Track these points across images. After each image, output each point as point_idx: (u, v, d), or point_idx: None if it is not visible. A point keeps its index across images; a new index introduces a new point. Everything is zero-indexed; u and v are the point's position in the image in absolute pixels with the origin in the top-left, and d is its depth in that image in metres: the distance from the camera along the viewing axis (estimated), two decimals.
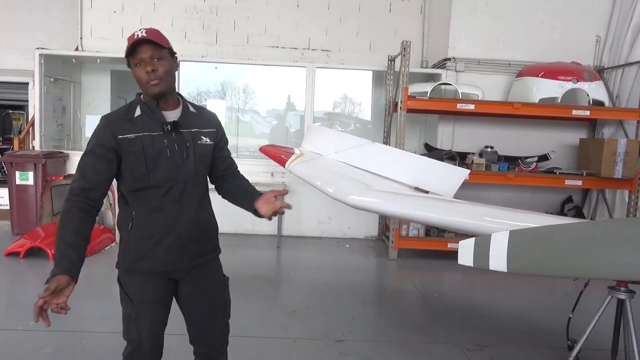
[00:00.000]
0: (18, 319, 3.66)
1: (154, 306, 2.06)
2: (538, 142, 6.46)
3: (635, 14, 6.07)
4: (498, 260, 2.14)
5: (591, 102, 5.89)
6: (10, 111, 11.77)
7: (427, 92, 6.03)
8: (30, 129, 7.35)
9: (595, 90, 5.92)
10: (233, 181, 2.22)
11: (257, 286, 4.71)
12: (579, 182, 5.80)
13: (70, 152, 6.93)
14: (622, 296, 2.54)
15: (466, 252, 2.25)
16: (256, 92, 7.94)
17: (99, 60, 7.32)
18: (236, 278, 2.29)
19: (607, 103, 6.01)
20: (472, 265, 2.24)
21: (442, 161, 4.74)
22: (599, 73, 6.34)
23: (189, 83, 7.54)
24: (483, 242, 2.19)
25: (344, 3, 7.31)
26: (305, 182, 3.59)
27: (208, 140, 2.08)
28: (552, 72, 5.97)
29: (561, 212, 6.48)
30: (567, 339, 2.98)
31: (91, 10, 7.23)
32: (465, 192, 3.53)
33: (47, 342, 3.30)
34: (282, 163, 3.82)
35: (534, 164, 6.05)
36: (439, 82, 6.29)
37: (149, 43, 1.88)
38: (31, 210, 6.25)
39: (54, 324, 1.75)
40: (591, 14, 6.44)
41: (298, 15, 7.31)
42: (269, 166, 6.68)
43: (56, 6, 7.73)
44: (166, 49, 1.93)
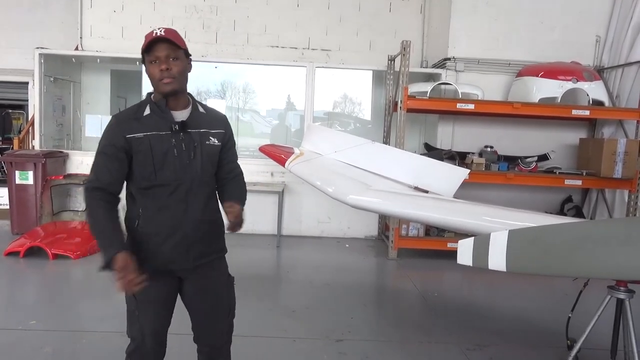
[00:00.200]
0: (18, 318, 3.66)
1: (157, 304, 2.07)
2: (538, 141, 6.46)
3: (635, 14, 6.07)
4: (497, 260, 2.14)
5: (591, 101, 5.89)
6: (10, 111, 11.77)
7: (427, 92, 6.03)
8: (30, 128, 7.35)
9: (595, 90, 5.92)
10: (229, 186, 2.21)
11: (257, 286, 4.71)
12: (578, 182, 5.80)
13: (70, 152, 6.94)
14: (622, 296, 2.54)
15: (465, 252, 2.25)
16: (256, 92, 7.93)
17: (98, 60, 7.32)
18: (236, 278, 2.30)
19: (606, 103, 6.01)
20: (471, 265, 2.24)
21: (442, 161, 4.75)
22: (599, 73, 6.34)
23: (189, 83, 7.50)
24: (482, 242, 2.20)
25: (343, 3, 7.31)
26: (305, 181, 3.59)
27: (216, 141, 2.09)
28: (552, 71, 5.97)
29: (561, 212, 6.48)
30: (567, 339, 2.99)
31: (91, 9, 7.23)
32: (465, 191, 3.53)
33: (47, 341, 3.30)
34: (282, 163, 3.83)
35: (534, 163, 6.05)
36: (439, 82, 6.29)
37: (166, 42, 1.91)
38: (31, 209, 6.26)
39: (53, 324, 1.75)
40: (591, 13, 6.44)
41: (298, 15, 7.32)
42: (268, 166, 6.68)
43: (56, 5, 7.73)
44: (182, 49, 1.97)
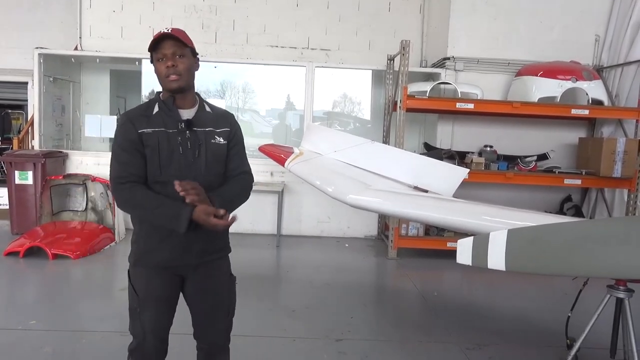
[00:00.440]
0: (18, 318, 3.65)
1: (158, 301, 2.08)
2: (537, 141, 6.47)
3: (634, 13, 6.08)
4: (496, 259, 2.14)
5: (590, 101, 5.89)
6: (10, 111, 11.75)
7: (426, 92, 6.03)
8: (30, 128, 7.34)
9: (594, 90, 5.92)
10: (226, 183, 2.15)
11: (257, 286, 4.71)
12: (578, 181, 5.80)
13: (69, 152, 6.93)
14: (621, 295, 2.55)
15: (465, 251, 2.25)
16: (255, 92, 7.94)
17: (98, 60, 7.33)
18: (236, 277, 2.30)
19: (606, 102, 6.01)
20: (471, 264, 2.25)
21: (442, 160, 4.75)
22: (598, 72, 6.35)
23: None
24: (481, 241, 2.20)
25: (343, 2, 7.31)
26: (304, 181, 3.59)
27: (222, 140, 2.10)
28: (551, 71, 5.97)
29: (560, 211, 6.48)
30: (566, 338, 2.99)
31: (90, 9, 7.23)
32: (465, 191, 3.53)
33: (46, 341, 3.30)
34: (282, 162, 3.83)
35: (533, 163, 6.05)
36: (439, 82, 6.29)
37: (173, 39, 1.95)
38: (30, 209, 6.25)
39: (53, 324, 1.75)
40: (590, 13, 6.45)
41: (297, 14, 7.31)
42: (268, 165, 6.68)
43: (55, 5, 7.73)
44: (189, 47, 2.00)
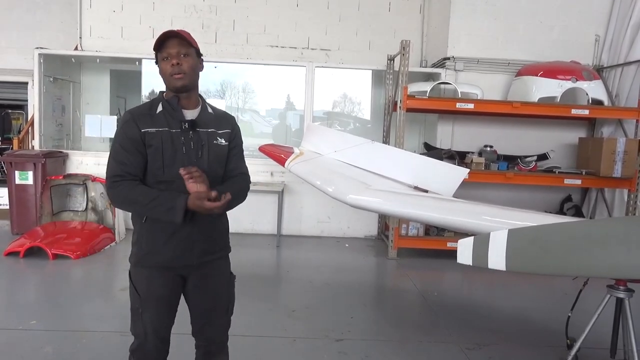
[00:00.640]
0: (18, 318, 3.66)
1: (160, 301, 2.09)
2: (537, 141, 6.47)
3: (634, 13, 6.08)
4: (497, 259, 2.14)
5: (590, 101, 5.89)
6: (10, 111, 11.76)
7: (426, 92, 6.03)
8: (30, 128, 7.34)
9: (594, 90, 5.92)
10: (227, 182, 2.15)
11: (257, 285, 4.72)
12: (578, 181, 5.80)
13: (69, 152, 6.93)
14: (621, 295, 2.55)
15: (465, 251, 2.25)
16: (255, 92, 7.94)
17: (98, 60, 7.33)
18: (236, 278, 2.30)
19: (606, 102, 6.01)
20: (471, 264, 2.25)
21: (442, 160, 4.75)
22: (598, 72, 6.35)
23: None
24: (482, 241, 2.20)
25: (343, 2, 7.31)
26: (304, 181, 3.59)
27: (223, 141, 2.12)
28: (551, 71, 5.97)
29: (560, 211, 6.48)
30: (567, 338, 2.99)
31: (90, 9, 7.23)
32: (465, 191, 3.53)
33: (47, 341, 3.30)
34: (282, 162, 3.83)
35: (533, 163, 6.05)
36: (439, 82, 6.29)
37: (177, 38, 1.97)
38: (31, 209, 6.25)
39: (53, 324, 1.76)
40: (590, 13, 6.45)
41: (297, 14, 7.31)
42: (268, 165, 6.68)
43: (55, 6, 7.74)
44: (194, 48, 2.02)
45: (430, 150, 6.27)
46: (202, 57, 2.10)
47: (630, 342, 2.51)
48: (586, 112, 5.73)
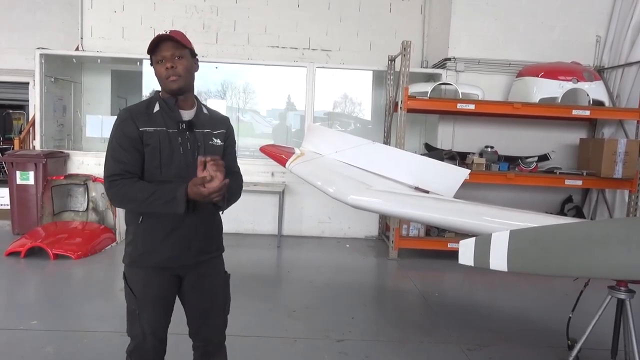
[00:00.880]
0: (19, 318, 3.66)
1: (157, 302, 2.08)
2: (538, 142, 6.46)
3: (636, 14, 6.07)
4: (498, 260, 2.14)
5: (591, 102, 5.89)
6: (11, 111, 11.78)
7: (427, 92, 6.04)
8: (31, 128, 7.36)
9: (595, 90, 5.92)
10: None
11: (258, 286, 4.72)
12: (579, 182, 5.80)
13: (70, 152, 6.94)
14: (622, 296, 2.54)
15: (467, 252, 2.25)
16: (256, 92, 7.94)
17: (99, 60, 7.33)
18: (236, 278, 2.31)
19: (607, 103, 6.01)
20: (473, 265, 2.25)
21: (443, 161, 4.75)
22: (599, 73, 6.35)
23: None
24: (484, 242, 2.20)
25: (344, 3, 7.32)
26: (305, 182, 3.59)
27: (219, 142, 2.14)
28: (552, 72, 5.97)
29: (561, 212, 6.48)
30: (567, 339, 2.99)
31: (91, 10, 7.23)
32: (466, 192, 3.53)
33: (48, 341, 3.31)
34: (283, 163, 3.83)
35: (534, 163, 6.05)
36: (439, 82, 6.29)
37: (171, 41, 1.96)
38: (32, 210, 6.26)
39: (54, 324, 1.76)
40: (591, 13, 6.45)
41: (298, 15, 7.32)
42: (269, 166, 6.68)
43: (56, 6, 7.75)
44: (187, 49, 2.02)
45: (431, 151, 6.27)
46: (197, 57, 2.09)
47: (631, 343, 2.51)
48: (587, 112, 5.73)
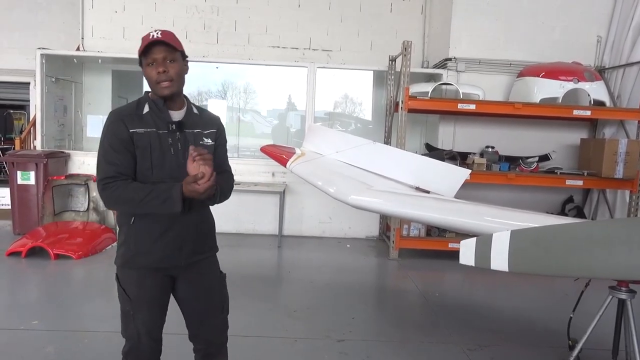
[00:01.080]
0: (20, 318, 3.66)
1: (151, 302, 2.08)
2: (539, 142, 6.46)
3: (636, 14, 6.07)
4: (499, 260, 2.14)
5: (592, 102, 5.88)
6: (12, 111, 11.78)
7: (428, 92, 6.03)
8: (32, 128, 7.36)
9: (596, 90, 5.91)
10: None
11: (258, 286, 4.72)
12: (579, 182, 5.79)
13: (71, 152, 6.95)
14: (623, 296, 2.54)
15: (468, 252, 2.25)
16: (257, 92, 7.94)
17: (100, 60, 7.34)
18: (237, 278, 2.31)
19: (608, 103, 6.00)
20: (474, 265, 2.24)
21: (443, 161, 4.75)
22: (600, 73, 6.34)
23: (190, 83, 7.50)
24: (485, 242, 2.20)
25: (345, 3, 7.32)
26: (306, 182, 3.59)
27: (209, 141, 2.12)
28: (553, 72, 5.97)
29: (562, 212, 6.48)
30: (568, 339, 2.99)
31: (92, 10, 7.24)
32: (466, 192, 3.53)
33: (48, 341, 3.31)
34: (284, 163, 3.83)
35: (535, 164, 6.05)
36: (440, 82, 6.29)
37: (163, 44, 1.95)
38: (33, 210, 6.26)
39: (55, 324, 1.76)
40: (592, 14, 6.44)
41: (299, 15, 7.32)
42: (269, 166, 6.69)
43: (57, 6, 7.75)
44: (179, 51, 2.01)
45: (432, 151, 6.27)
46: (187, 59, 2.08)
47: (632, 343, 2.51)
48: (588, 113, 5.72)
